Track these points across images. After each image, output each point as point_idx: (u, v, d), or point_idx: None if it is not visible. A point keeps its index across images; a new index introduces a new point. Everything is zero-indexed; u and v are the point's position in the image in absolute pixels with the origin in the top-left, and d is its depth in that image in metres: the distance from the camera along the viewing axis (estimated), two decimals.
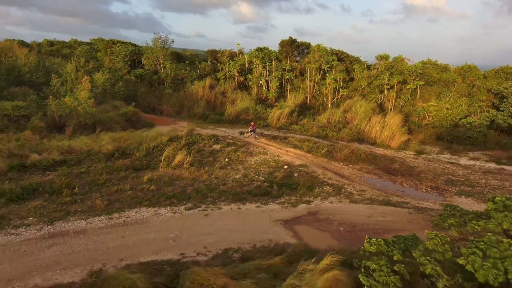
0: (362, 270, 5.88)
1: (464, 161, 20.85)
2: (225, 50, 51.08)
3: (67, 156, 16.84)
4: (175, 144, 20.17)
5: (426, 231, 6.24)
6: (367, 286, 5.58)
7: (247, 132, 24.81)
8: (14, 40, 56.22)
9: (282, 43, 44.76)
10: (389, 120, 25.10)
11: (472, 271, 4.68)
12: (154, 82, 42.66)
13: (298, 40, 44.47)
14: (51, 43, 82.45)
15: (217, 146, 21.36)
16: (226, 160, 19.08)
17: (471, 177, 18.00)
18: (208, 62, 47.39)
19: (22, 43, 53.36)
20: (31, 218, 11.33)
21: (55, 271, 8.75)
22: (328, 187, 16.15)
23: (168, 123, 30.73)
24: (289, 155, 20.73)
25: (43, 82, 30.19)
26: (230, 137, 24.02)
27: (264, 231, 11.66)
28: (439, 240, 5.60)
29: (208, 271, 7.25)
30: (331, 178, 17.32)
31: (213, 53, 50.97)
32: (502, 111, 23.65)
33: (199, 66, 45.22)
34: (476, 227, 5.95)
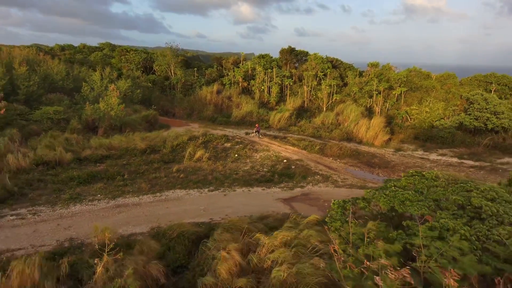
0: (328, 216, 10.06)
1: (433, 156, 25.06)
2: (229, 57, 55.41)
3: (110, 152, 21.07)
4: (193, 142, 24.39)
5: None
6: (328, 223, 9.75)
7: (252, 133, 29.03)
8: (34, 46, 60.64)
9: (282, 51, 49.02)
10: (373, 122, 29.31)
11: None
12: (166, 87, 46.99)
13: (296, 49, 48.72)
14: (62, 48, 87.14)
15: (228, 144, 25.60)
16: (236, 155, 23.31)
17: (435, 169, 22.18)
18: (214, 68, 51.65)
19: (41, 49, 57.76)
20: (99, 195, 15.55)
21: (128, 226, 12.95)
22: (318, 176, 20.36)
23: (181, 125, 34.89)
24: (288, 151, 24.94)
25: (73, 89, 34.55)
26: (237, 137, 28.23)
27: (268, 205, 15.84)
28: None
29: (235, 220, 11.46)
30: (321, 170, 21.53)
31: (218, 60, 55.34)
32: (469, 114, 27.84)
33: (206, 72, 49.45)
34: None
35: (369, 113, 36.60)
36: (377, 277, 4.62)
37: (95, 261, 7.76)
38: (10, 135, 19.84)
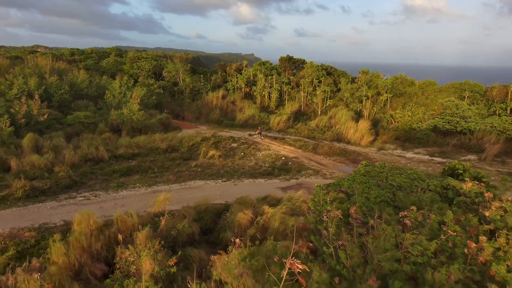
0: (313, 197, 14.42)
1: (409, 154, 29.49)
2: (232, 63, 59.93)
3: (138, 150, 25.46)
4: (206, 143, 28.81)
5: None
6: (310, 197, 14.11)
7: (255, 134, 33.44)
8: (51, 53, 65.04)
9: (281, 59, 53.50)
10: (360, 125, 33.72)
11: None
12: (175, 92, 51.41)
13: (294, 57, 53.19)
14: (72, 53, 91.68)
15: (234, 144, 30.02)
16: (242, 153, 27.73)
17: (408, 165, 26.59)
18: (219, 74, 56.11)
19: (56, 57, 62.13)
20: (138, 184, 19.96)
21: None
22: (310, 170, 24.78)
23: (191, 127, 39.28)
24: (286, 150, 29.36)
25: (96, 96, 38.97)
26: (242, 138, 32.64)
27: (270, 192, 20.21)
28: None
29: (246, 198, 15.89)
30: (313, 165, 25.95)
31: (222, 66, 59.78)
32: (442, 118, 32.27)
33: (212, 78, 53.89)
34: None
35: (358, 116, 41.00)
36: (325, 217, 9.00)
37: (160, 219, 12.16)
38: (57, 136, 24.22)
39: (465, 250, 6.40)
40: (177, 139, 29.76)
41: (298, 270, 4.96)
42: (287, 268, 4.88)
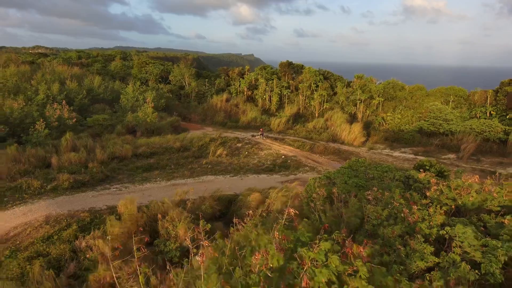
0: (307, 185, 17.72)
1: (396, 154, 32.82)
2: (235, 68, 63.29)
3: (155, 149, 28.75)
4: (214, 143, 32.12)
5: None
6: (306, 186, 17.42)
7: (258, 135, 36.76)
8: (61, 57, 68.28)
9: (281, 64, 56.82)
10: (353, 127, 37.06)
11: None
12: (181, 96, 54.72)
13: (294, 63, 56.55)
14: (79, 56, 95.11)
15: (239, 144, 33.34)
16: (246, 152, 31.04)
17: (394, 162, 29.88)
18: (222, 78, 59.42)
19: (66, 61, 65.45)
20: (158, 178, 23.26)
21: (175, 205, 20.62)
22: (307, 167, 28.10)
23: (198, 128, 42.57)
24: (285, 150, 32.67)
25: (111, 99, 42.29)
26: (246, 139, 35.96)
27: (271, 184, 23.52)
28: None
29: (253, 188, 19.22)
30: (310, 163, 29.27)
31: (226, 71, 63.09)
32: (427, 121, 35.62)
33: (216, 82, 57.19)
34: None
35: (353, 119, 44.36)
36: (314, 195, 12.31)
37: (186, 202, 15.46)
38: (85, 137, 27.50)
39: (402, 215, 9.71)
40: (188, 139, 33.04)
41: (294, 213, 8.23)
42: (286, 214, 8.14)
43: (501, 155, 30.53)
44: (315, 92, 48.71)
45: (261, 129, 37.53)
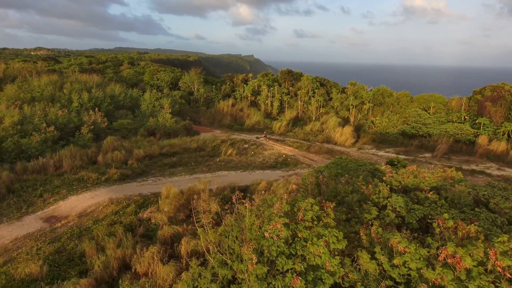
0: (303, 177, 23.07)
1: (381, 153, 38.18)
2: (239, 75, 68.71)
3: (175, 149, 34.09)
4: (224, 144, 37.48)
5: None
6: (302, 178, 22.79)
7: (261, 137, 42.12)
8: (76, 64, 73.55)
9: (282, 72, 62.28)
10: (344, 129, 42.44)
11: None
12: (190, 101, 60.10)
13: (293, 70, 62.00)
14: (90, 62, 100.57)
15: (246, 145, 38.70)
16: (253, 152, 36.39)
17: (379, 161, 35.24)
18: (227, 84, 64.82)
19: (83, 69, 70.79)
20: (183, 173, 28.60)
21: (206, 189, 25.98)
22: (304, 165, 33.45)
23: (207, 131, 47.92)
24: (286, 150, 38.02)
25: (131, 105, 47.66)
26: (251, 140, 41.34)
27: (274, 178, 28.88)
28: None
29: (260, 181, 24.60)
30: (306, 161, 34.61)
31: (231, 77, 68.50)
32: (408, 124, 40.98)
33: (222, 88, 62.60)
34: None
35: (346, 122, 49.70)
36: (306, 181, 17.70)
37: (211, 187, 20.80)
38: (118, 139, 32.82)
39: (361, 190, 15.07)
40: (201, 141, 38.40)
41: (295, 188, 13.58)
42: (289, 189, 13.45)
43: (468, 154, 35.91)
44: (312, 98, 54.11)
45: (264, 132, 42.91)
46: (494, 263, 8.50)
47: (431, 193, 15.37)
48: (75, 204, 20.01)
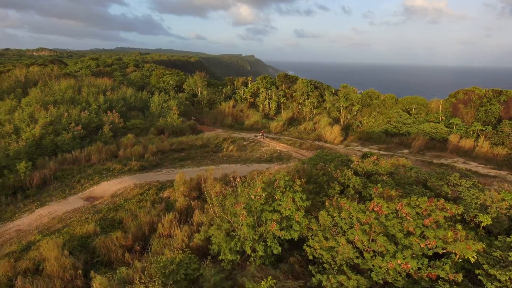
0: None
1: (365, 149, 42.95)
2: (239, 78, 73.57)
3: (183, 146, 38.93)
4: (226, 141, 42.34)
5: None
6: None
7: (259, 136, 46.96)
8: (87, 67, 78.40)
9: (279, 76, 67.15)
10: (334, 129, 47.28)
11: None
12: (194, 102, 64.95)
13: (289, 74, 66.86)
14: (97, 64, 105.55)
15: (245, 143, 43.55)
16: (251, 149, 41.22)
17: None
18: (228, 87, 69.67)
19: (94, 74, 75.59)
20: (191, 166, 33.45)
21: (211, 176, 30.85)
22: (296, 159, 38.26)
23: (210, 130, 52.76)
24: (281, 147, 42.86)
25: (141, 107, 52.55)
26: (250, 138, 46.19)
27: (270, 170, 33.70)
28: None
29: (257, 172, 29.48)
30: (298, 156, 39.42)
31: (232, 80, 73.36)
32: (391, 124, 45.80)
33: (224, 90, 67.45)
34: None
35: (336, 122, 54.49)
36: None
37: (215, 176, 25.66)
38: (133, 138, 37.66)
39: (331, 174, 19.91)
40: (205, 139, 43.26)
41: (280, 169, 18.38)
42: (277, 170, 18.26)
43: (441, 150, 40.71)
44: (306, 100, 58.98)
45: (262, 131, 47.78)
46: (401, 210, 13.40)
47: (385, 176, 20.25)
48: (107, 187, 24.88)
